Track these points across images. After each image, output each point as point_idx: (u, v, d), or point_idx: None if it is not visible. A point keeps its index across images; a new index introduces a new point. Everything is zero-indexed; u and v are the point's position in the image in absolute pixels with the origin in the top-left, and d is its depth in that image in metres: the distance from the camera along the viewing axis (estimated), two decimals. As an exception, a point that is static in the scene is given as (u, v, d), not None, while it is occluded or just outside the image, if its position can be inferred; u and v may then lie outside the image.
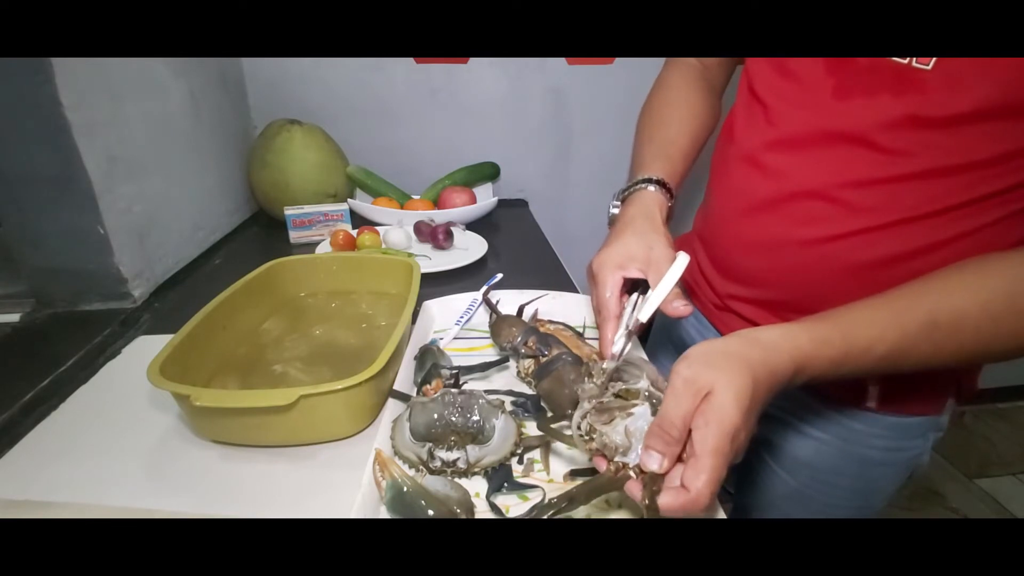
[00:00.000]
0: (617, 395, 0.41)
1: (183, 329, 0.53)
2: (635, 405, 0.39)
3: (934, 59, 0.41)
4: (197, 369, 0.53)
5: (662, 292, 0.46)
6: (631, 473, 0.37)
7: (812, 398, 0.55)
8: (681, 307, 0.46)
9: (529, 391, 0.55)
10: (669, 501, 0.33)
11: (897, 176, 0.45)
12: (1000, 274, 0.39)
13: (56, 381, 0.58)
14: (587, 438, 0.39)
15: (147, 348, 0.63)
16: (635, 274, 0.49)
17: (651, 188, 0.55)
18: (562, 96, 1.23)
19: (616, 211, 0.57)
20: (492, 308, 0.67)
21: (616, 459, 0.38)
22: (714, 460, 0.33)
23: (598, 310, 0.50)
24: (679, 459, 0.36)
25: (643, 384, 0.41)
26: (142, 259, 0.75)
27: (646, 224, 0.52)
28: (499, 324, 0.62)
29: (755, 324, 0.56)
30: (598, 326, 0.50)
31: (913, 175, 0.44)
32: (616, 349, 0.46)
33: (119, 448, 0.50)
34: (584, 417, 0.40)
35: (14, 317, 0.70)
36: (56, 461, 0.49)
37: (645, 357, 0.44)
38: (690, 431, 0.35)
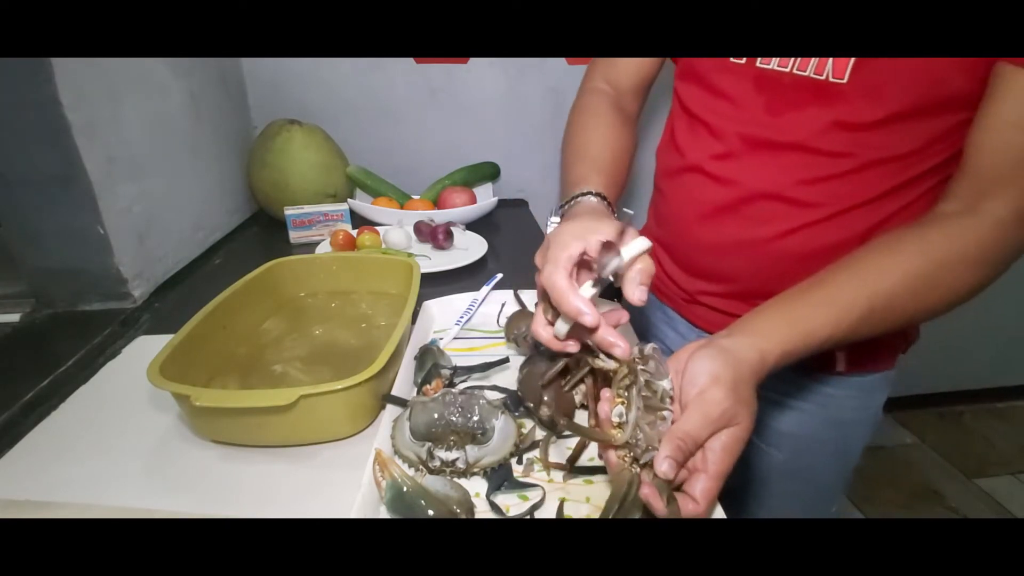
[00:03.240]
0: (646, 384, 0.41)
1: (183, 329, 0.53)
2: (666, 409, 0.40)
3: (848, 75, 0.48)
4: (197, 369, 0.53)
5: (637, 247, 0.43)
6: (635, 467, 0.38)
7: (788, 371, 0.55)
8: (640, 294, 0.43)
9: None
10: (688, 512, 0.37)
11: (837, 173, 0.51)
12: (917, 254, 0.44)
13: (56, 381, 0.58)
14: (617, 423, 0.39)
15: (147, 348, 0.63)
16: (599, 238, 0.43)
17: (593, 199, 0.53)
18: (562, 96, 1.23)
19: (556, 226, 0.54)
20: (520, 303, 0.69)
21: (630, 453, 0.38)
22: (720, 481, 0.38)
23: (547, 261, 0.44)
24: None
25: (666, 385, 0.40)
26: (142, 259, 0.75)
27: (597, 215, 0.48)
28: (515, 317, 0.64)
29: (726, 312, 0.62)
30: (557, 303, 0.43)
31: (850, 171, 0.51)
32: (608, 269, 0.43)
33: (119, 448, 0.50)
34: (636, 410, 0.39)
35: (14, 317, 0.70)
36: (56, 461, 0.49)
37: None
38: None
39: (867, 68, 0.47)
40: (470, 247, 0.94)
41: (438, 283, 0.79)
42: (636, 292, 0.42)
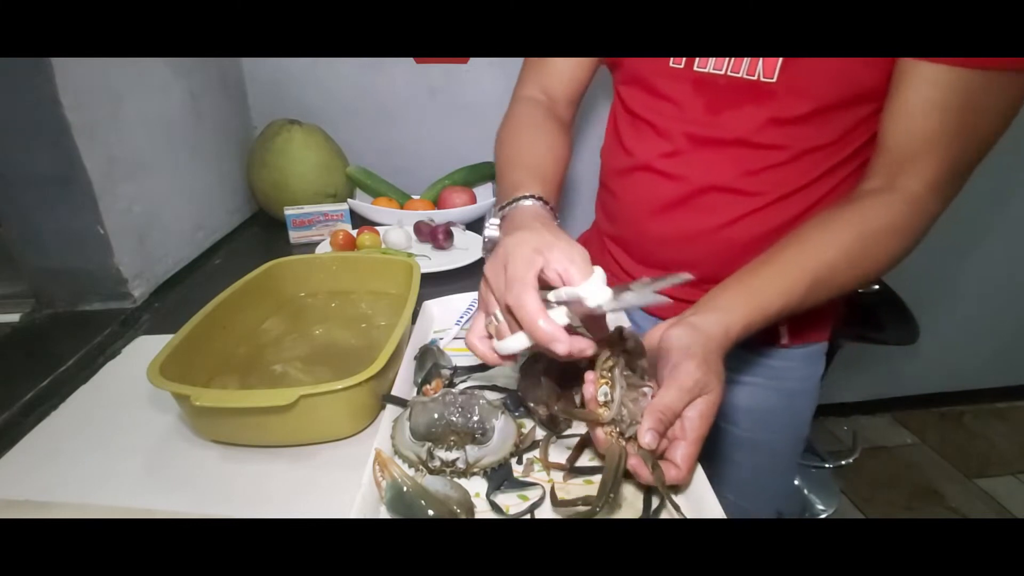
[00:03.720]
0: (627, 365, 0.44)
1: (183, 329, 0.53)
2: (646, 385, 0.43)
3: (776, 74, 0.53)
4: (197, 369, 0.53)
5: (599, 280, 0.40)
6: (622, 441, 0.42)
7: (738, 348, 0.57)
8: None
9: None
10: (668, 479, 0.41)
11: (775, 164, 0.57)
12: (850, 229, 0.50)
13: (56, 381, 0.58)
14: (603, 402, 0.42)
15: (147, 348, 0.63)
16: (553, 263, 0.41)
17: (530, 202, 0.51)
18: (562, 96, 1.23)
19: (495, 232, 0.53)
20: None
21: (617, 429, 0.42)
22: (698, 446, 0.42)
23: (510, 283, 0.40)
24: None
25: (644, 363, 0.44)
26: (142, 259, 0.75)
27: (543, 221, 0.47)
28: None
29: (681, 299, 0.63)
30: (515, 304, 0.39)
31: (785, 161, 0.56)
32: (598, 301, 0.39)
33: (119, 448, 0.50)
34: (620, 388, 0.42)
35: (14, 317, 0.70)
36: (56, 461, 0.49)
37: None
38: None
39: (792, 69, 0.52)
40: (470, 247, 0.93)
41: (438, 283, 0.79)
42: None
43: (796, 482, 1.65)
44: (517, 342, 0.40)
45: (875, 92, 0.52)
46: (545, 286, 0.41)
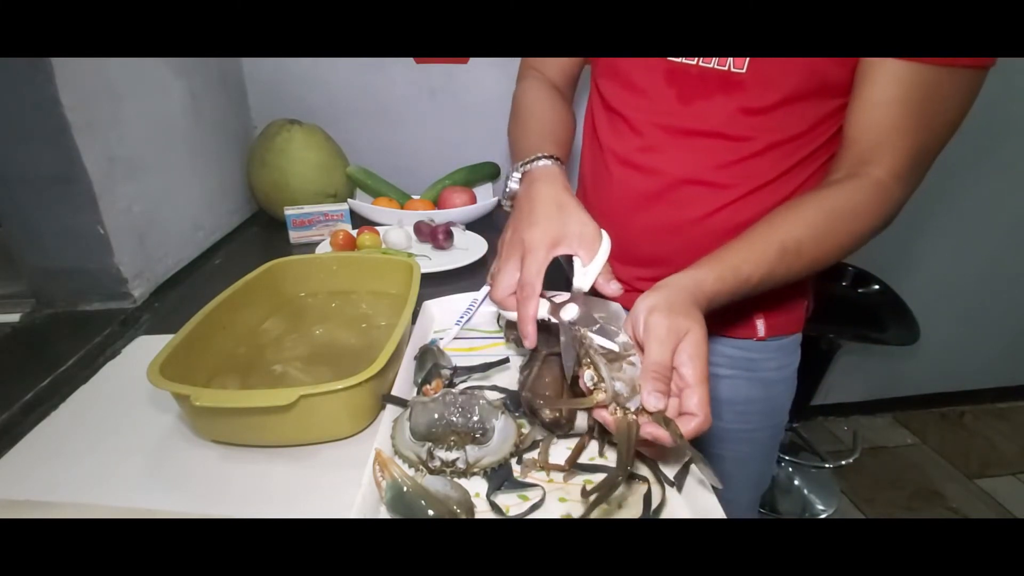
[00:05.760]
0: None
1: (183, 329, 0.53)
2: (631, 354, 0.44)
3: (746, 66, 0.55)
4: (197, 369, 0.53)
5: (598, 266, 0.50)
6: (632, 415, 0.41)
7: (717, 344, 0.61)
8: (615, 288, 0.50)
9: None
10: (691, 430, 0.40)
11: (745, 156, 0.59)
12: (816, 209, 0.52)
13: (56, 381, 0.58)
14: (591, 387, 0.43)
15: (147, 348, 0.63)
16: (565, 251, 0.50)
17: (551, 163, 0.57)
18: (562, 96, 1.23)
19: (516, 186, 0.58)
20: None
21: (620, 407, 0.42)
22: (705, 385, 0.41)
23: (522, 286, 0.49)
24: None
25: (623, 337, 0.46)
26: (142, 259, 0.75)
27: (571, 201, 0.53)
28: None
29: None
30: (519, 301, 0.49)
31: (756, 152, 0.58)
32: (568, 317, 0.48)
33: (119, 448, 0.50)
34: (603, 365, 0.43)
35: (14, 317, 0.70)
36: (56, 461, 0.49)
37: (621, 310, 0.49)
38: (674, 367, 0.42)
39: (762, 61, 0.54)
40: (470, 247, 0.94)
41: (438, 283, 0.79)
42: (611, 286, 0.50)
43: (796, 482, 1.66)
44: (513, 315, 0.50)
45: (841, 86, 0.54)
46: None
